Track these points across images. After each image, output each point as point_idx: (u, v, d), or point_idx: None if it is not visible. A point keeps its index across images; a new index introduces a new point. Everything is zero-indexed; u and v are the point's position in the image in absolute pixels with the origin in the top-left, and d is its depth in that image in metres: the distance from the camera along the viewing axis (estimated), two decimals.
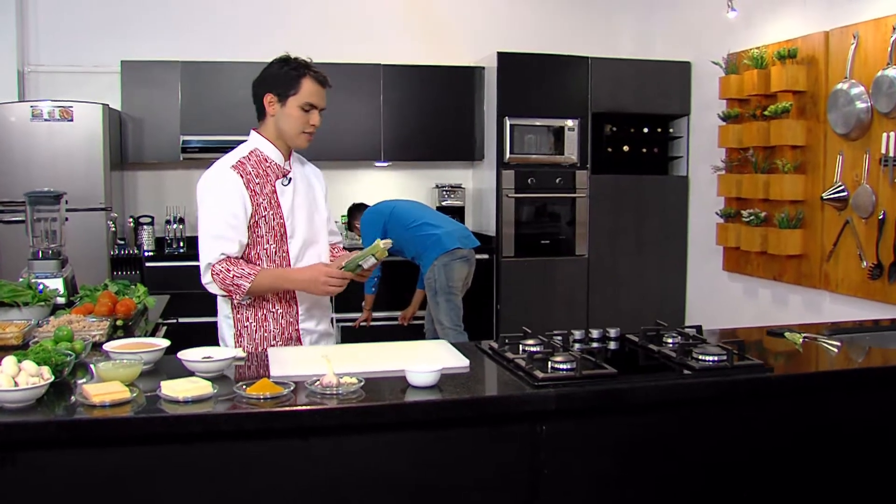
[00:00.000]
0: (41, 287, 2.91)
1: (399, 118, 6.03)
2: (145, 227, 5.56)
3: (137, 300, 3.03)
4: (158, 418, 1.84)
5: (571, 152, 6.03)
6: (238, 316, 2.70)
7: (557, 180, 6.03)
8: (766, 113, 5.01)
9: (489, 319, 6.02)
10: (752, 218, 5.17)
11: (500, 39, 6.16)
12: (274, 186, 2.66)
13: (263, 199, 2.62)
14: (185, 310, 4.26)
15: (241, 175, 2.60)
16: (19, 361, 1.93)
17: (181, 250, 5.68)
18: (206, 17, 5.89)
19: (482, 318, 5.97)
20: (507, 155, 5.91)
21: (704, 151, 5.96)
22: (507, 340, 2.41)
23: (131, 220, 5.36)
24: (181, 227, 5.68)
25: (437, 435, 2.00)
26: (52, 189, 3.37)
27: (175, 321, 3.52)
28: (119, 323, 2.83)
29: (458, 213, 6.30)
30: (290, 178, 2.72)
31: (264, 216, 2.62)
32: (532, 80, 5.93)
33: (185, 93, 5.62)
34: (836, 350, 2.61)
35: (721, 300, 5.81)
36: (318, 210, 2.81)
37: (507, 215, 5.96)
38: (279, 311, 2.70)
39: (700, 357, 2.28)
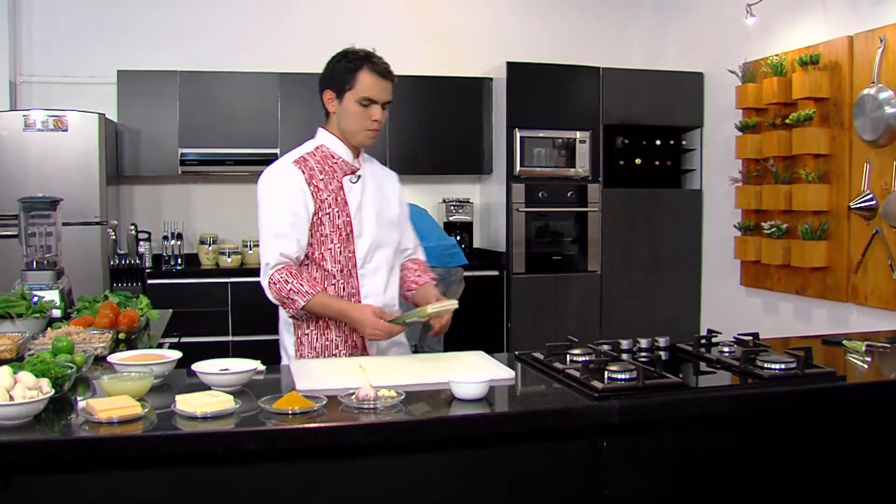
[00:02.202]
0: (36, 298, 2.67)
1: (405, 131, 5.84)
2: (142, 242, 5.33)
3: (140, 312, 2.80)
4: (175, 436, 1.61)
5: (583, 165, 5.85)
6: (298, 323, 2.51)
7: (569, 194, 5.84)
8: (787, 121, 4.84)
9: (499, 337, 5.80)
10: (773, 230, 4.98)
11: (508, 49, 6.00)
12: (341, 183, 2.50)
13: (328, 196, 2.46)
14: (186, 329, 4.01)
15: (302, 171, 2.45)
16: (15, 373, 1.71)
17: (178, 267, 5.45)
18: (205, 25, 5.71)
19: (492, 336, 5.76)
20: (518, 168, 5.72)
21: (719, 163, 5.79)
22: (553, 350, 2.19)
23: (133, 227, 5.09)
24: (179, 243, 5.45)
25: (487, 453, 1.78)
26: (48, 195, 3.14)
27: (177, 339, 3.28)
28: (122, 336, 2.60)
29: (466, 228, 6.11)
30: (360, 176, 2.54)
31: (328, 213, 2.46)
32: (542, 90, 5.76)
33: (183, 104, 5.42)
34: None
35: (739, 316, 5.60)
36: (388, 211, 2.60)
37: (517, 230, 5.76)
38: (338, 320, 2.48)
39: (766, 365, 2.07)
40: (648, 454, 1.89)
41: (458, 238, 6.01)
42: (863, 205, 4.41)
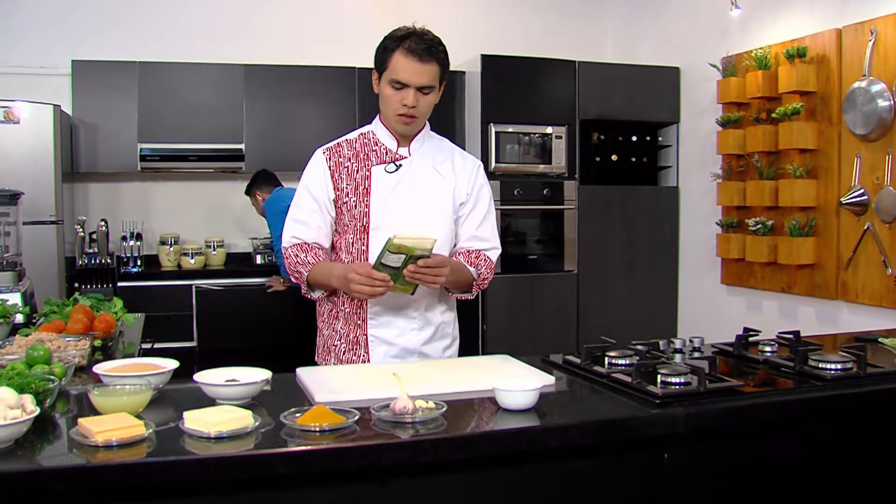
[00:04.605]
0: None
1: None
2: (91, 243, 4.96)
3: (115, 317, 2.52)
4: (190, 462, 1.36)
5: (559, 162, 5.69)
6: (319, 309, 2.48)
7: (545, 191, 5.67)
8: (773, 115, 4.75)
9: (474, 341, 5.59)
10: (759, 227, 4.88)
11: (480, 42, 5.80)
12: (369, 172, 2.34)
13: (350, 185, 2.35)
14: (152, 334, 3.73)
15: (329, 157, 2.39)
16: None
17: (136, 269, 5.11)
18: (166, 13, 5.39)
19: (467, 340, 5.52)
20: (493, 164, 5.53)
21: (696, 160, 5.69)
22: (590, 353, 2.00)
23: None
24: (139, 244, 5.12)
25: (542, 468, 1.57)
26: (6, 188, 2.83)
27: (151, 345, 3.01)
28: (97, 343, 2.33)
29: None
30: (399, 165, 2.35)
31: (346, 202, 2.35)
32: (517, 84, 5.58)
33: (142, 96, 5.10)
34: None
35: (720, 315, 5.50)
36: (432, 205, 2.38)
37: None
38: (348, 310, 2.37)
39: (823, 365, 1.91)
40: (710, 466, 1.71)
41: None
42: (854, 200, 4.33)
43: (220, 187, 5.62)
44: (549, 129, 5.67)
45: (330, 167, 2.36)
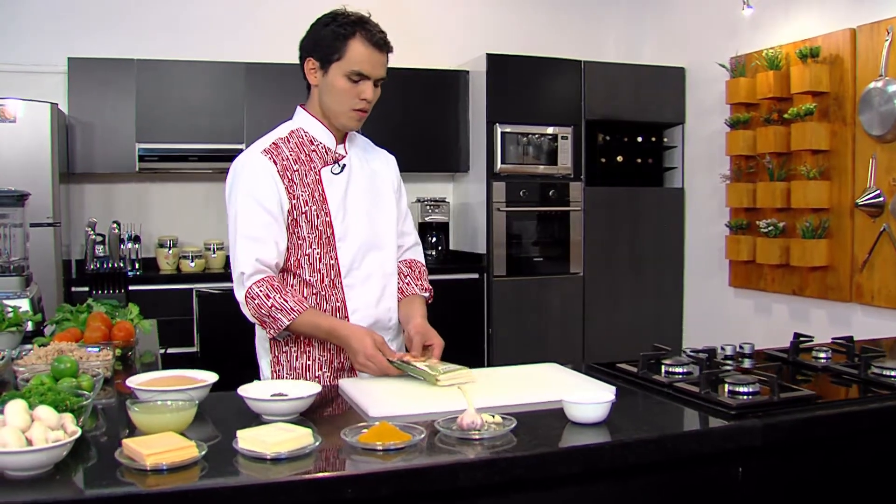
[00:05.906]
0: (10, 310, 2.25)
1: (374, 126, 5.39)
2: (96, 246, 4.82)
3: (132, 324, 2.40)
4: (253, 487, 1.25)
5: (565, 163, 5.61)
6: (276, 340, 2.14)
7: (550, 193, 5.58)
8: (785, 116, 4.69)
9: (480, 345, 5.50)
10: (770, 229, 4.82)
11: (483, 41, 5.72)
12: (319, 175, 2.10)
13: (304, 192, 2.07)
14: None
15: (274, 161, 2.07)
16: (31, 407, 1.33)
17: (134, 273, 4.96)
18: (165, 10, 5.24)
19: (473, 343, 5.46)
20: (498, 165, 5.43)
21: (702, 161, 5.63)
22: (647, 361, 1.91)
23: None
24: (137, 246, 4.97)
25: (612, 487, 1.48)
26: (13, 189, 2.69)
27: (164, 350, 2.88)
28: (117, 353, 2.20)
29: (442, 229, 5.79)
30: (344, 166, 2.14)
31: (305, 213, 2.07)
32: (523, 84, 5.49)
33: (141, 95, 4.95)
34: None
35: (727, 318, 5.44)
36: (382, 207, 2.20)
37: (497, 231, 5.47)
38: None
39: (888, 373, 1.84)
40: (784, 480, 1.62)
41: (434, 240, 5.72)
42: (870, 201, 4.27)
43: (220, 188, 5.43)
44: (554, 130, 5.59)
45: (279, 171, 2.05)
